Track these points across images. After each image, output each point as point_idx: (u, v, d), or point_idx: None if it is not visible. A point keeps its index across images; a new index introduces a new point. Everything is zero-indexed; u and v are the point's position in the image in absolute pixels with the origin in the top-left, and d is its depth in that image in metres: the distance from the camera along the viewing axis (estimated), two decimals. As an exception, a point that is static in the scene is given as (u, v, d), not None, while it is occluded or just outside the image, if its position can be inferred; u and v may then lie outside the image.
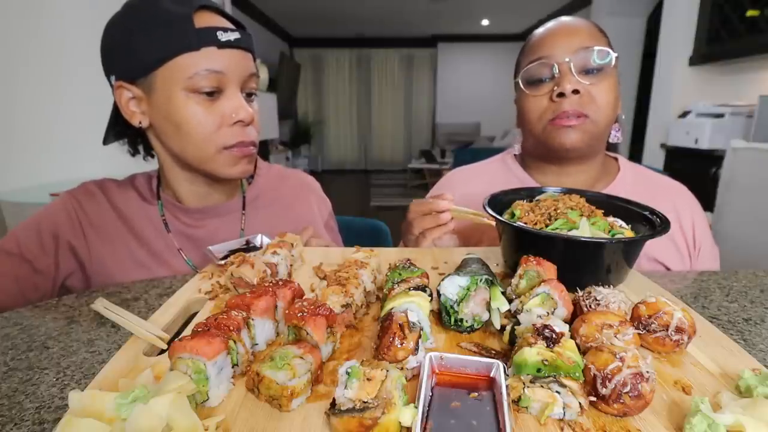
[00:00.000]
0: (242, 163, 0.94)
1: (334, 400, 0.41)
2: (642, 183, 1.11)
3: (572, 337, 0.52)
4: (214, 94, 0.86)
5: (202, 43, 0.83)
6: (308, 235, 1.00)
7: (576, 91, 0.94)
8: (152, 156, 1.03)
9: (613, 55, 0.96)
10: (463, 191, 1.12)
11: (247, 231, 1.05)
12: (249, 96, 0.95)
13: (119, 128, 0.97)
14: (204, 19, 0.85)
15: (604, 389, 0.43)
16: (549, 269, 0.61)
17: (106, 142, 0.99)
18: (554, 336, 0.47)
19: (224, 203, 1.05)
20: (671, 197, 1.08)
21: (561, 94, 0.95)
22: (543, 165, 1.11)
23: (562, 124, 0.96)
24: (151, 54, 0.84)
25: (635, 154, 4.72)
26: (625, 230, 0.74)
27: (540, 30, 1.04)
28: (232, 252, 0.85)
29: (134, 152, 1.03)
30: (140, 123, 0.91)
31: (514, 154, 1.21)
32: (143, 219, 1.00)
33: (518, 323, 0.54)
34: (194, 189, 1.01)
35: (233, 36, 0.86)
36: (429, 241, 0.92)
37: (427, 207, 0.91)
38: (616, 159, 1.15)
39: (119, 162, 1.08)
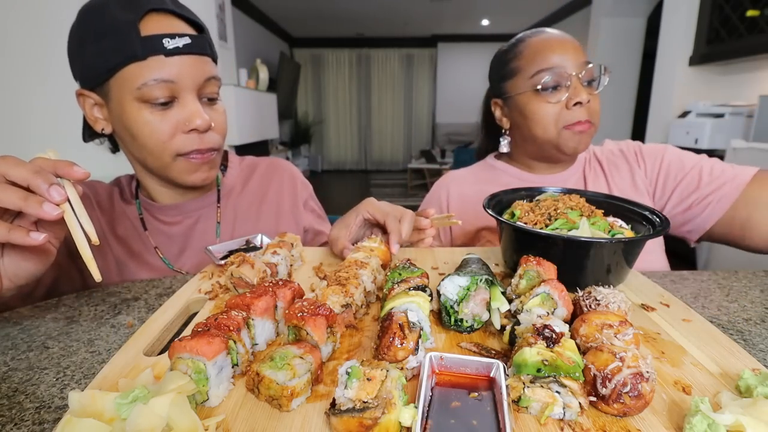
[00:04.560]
0: (202, 170, 0.92)
1: (334, 400, 0.41)
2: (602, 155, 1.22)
3: (572, 337, 0.52)
4: (166, 103, 0.84)
5: (148, 52, 0.80)
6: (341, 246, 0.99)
7: (587, 101, 1.05)
8: None
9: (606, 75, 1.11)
10: (459, 191, 1.25)
11: (223, 222, 1.06)
12: (211, 101, 0.91)
13: (91, 131, 0.96)
14: (151, 26, 0.81)
15: (604, 389, 0.43)
16: (549, 269, 0.61)
17: (85, 140, 1.00)
18: (554, 336, 0.46)
19: (199, 198, 1.05)
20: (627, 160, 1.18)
21: (578, 103, 1.04)
22: (535, 162, 1.19)
23: (578, 130, 1.06)
24: (100, 64, 0.82)
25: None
26: (625, 230, 0.74)
27: (539, 39, 1.08)
28: (232, 252, 0.85)
29: (115, 149, 1.03)
30: (103, 129, 0.90)
31: (494, 156, 1.30)
32: (124, 219, 1.01)
33: (518, 323, 0.54)
34: (166, 191, 1.01)
35: (182, 42, 0.82)
36: None
37: None
38: None
39: (117, 162, 1.08)
